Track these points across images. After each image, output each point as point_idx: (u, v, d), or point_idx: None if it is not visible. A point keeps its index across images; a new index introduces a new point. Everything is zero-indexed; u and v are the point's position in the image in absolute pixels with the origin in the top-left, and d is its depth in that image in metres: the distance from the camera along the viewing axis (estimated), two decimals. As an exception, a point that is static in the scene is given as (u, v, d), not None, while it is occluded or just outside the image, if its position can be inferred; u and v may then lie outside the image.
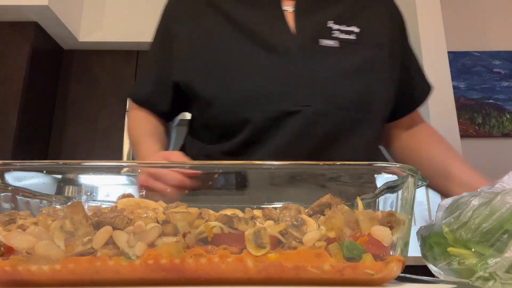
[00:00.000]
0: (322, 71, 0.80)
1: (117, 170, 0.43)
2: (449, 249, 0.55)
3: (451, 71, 2.35)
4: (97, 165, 0.41)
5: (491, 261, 0.49)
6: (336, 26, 0.84)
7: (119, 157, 2.59)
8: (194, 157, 0.82)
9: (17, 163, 0.38)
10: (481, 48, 2.70)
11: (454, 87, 2.55)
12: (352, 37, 0.84)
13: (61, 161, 0.38)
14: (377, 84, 0.84)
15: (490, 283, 0.49)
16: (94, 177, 0.43)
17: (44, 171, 0.40)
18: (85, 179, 0.43)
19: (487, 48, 2.69)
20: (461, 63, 2.67)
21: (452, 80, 2.34)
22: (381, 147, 0.99)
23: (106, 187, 0.46)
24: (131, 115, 0.98)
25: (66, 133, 2.73)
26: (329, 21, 0.84)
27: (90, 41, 2.81)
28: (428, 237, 0.59)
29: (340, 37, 0.84)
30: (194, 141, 0.90)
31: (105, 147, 2.69)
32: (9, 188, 0.39)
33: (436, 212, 0.66)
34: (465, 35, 2.71)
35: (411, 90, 0.96)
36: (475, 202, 0.56)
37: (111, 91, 2.79)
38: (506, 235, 0.50)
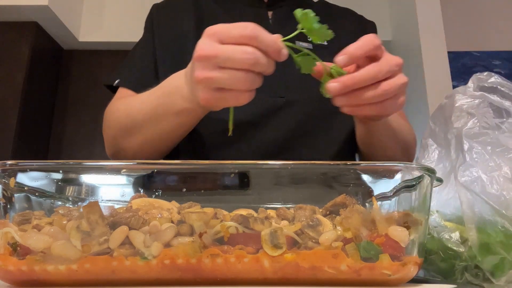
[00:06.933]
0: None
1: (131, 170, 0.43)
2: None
3: (451, 71, 2.34)
4: (119, 164, 0.41)
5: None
6: None
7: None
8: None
9: (34, 163, 0.38)
10: (481, 48, 2.69)
11: (454, 87, 2.55)
12: (324, 43, 0.88)
13: (79, 161, 0.38)
14: None
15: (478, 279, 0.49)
16: (107, 177, 0.43)
17: (61, 171, 0.40)
18: (100, 179, 0.43)
19: (487, 48, 2.69)
20: (461, 63, 2.67)
21: (452, 80, 2.34)
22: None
23: (118, 187, 0.46)
24: (116, 103, 0.85)
25: (66, 133, 2.73)
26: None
27: (90, 41, 2.81)
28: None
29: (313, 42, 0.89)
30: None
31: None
32: (25, 188, 0.39)
33: None
34: (465, 35, 2.71)
35: None
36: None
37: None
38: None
